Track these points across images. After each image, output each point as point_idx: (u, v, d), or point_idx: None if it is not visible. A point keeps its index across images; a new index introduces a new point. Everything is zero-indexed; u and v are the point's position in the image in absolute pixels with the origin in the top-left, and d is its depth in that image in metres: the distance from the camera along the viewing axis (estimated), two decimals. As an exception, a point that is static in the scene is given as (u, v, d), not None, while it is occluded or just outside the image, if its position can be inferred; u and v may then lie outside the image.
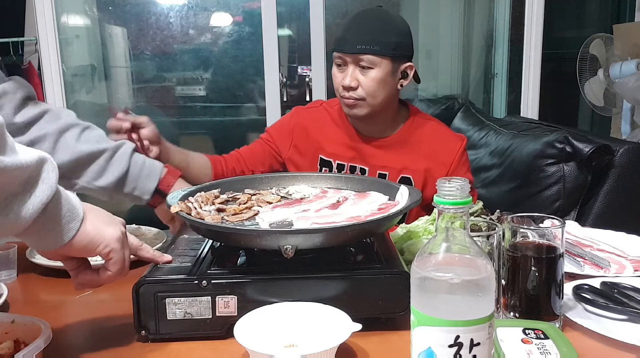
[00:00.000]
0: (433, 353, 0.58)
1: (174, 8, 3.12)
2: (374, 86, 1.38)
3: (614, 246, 1.19)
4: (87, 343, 0.89)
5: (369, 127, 1.48)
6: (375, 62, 1.37)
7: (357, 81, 1.38)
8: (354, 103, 1.40)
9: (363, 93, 1.38)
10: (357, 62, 1.38)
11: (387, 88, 1.40)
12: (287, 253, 0.82)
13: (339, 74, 1.42)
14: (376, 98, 1.40)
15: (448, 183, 0.58)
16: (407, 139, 1.47)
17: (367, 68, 1.37)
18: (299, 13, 2.94)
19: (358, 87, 1.38)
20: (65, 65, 2.89)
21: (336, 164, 1.49)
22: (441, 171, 1.44)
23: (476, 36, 3.44)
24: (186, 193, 1.03)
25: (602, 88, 2.97)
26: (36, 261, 1.17)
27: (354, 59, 1.38)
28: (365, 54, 1.36)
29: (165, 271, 0.87)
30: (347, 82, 1.38)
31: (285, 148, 1.54)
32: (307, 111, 1.58)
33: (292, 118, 1.58)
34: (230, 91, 3.27)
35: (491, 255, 0.84)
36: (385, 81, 1.39)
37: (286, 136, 1.55)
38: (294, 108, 1.62)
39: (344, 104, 1.43)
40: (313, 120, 1.55)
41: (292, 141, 1.54)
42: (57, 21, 2.80)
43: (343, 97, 1.41)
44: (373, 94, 1.39)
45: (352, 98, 1.39)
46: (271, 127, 1.60)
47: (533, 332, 0.78)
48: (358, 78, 1.38)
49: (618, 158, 1.61)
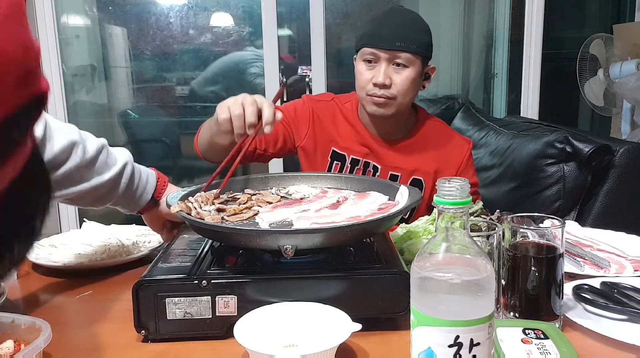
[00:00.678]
0: (433, 353, 0.58)
1: (174, 8, 3.12)
2: (407, 84, 1.36)
3: (614, 246, 1.19)
4: (87, 343, 0.88)
5: (383, 128, 1.46)
6: (411, 61, 1.35)
7: (390, 79, 1.35)
8: (385, 102, 1.37)
9: (395, 92, 1.36)
10: (393, 59, 1.35)
11: (415, 89, 1.39)
12: (287, 253, 0.82)
13: (367, 72, 1.37)
14: (406, 98, 1.38)
15: (448, 183, 0.58)
16: (417, 141, 1.46)
17: (402, 66, 1.35)
18: (299, 13, 2.94)
19: (391, 86, 1.35)
20: (65, 65, 2.89)
21: (350, 158, 1.46)
22: (449, 173, 1.43)
23: (476, 36, 3.44)
24: (186, 193, 1.03)
25: (602, 88, 2.97)
26: (36, 261, 1.17)
27: (391, 55, 1.34)
28: (403, 51, 1.34)
29: (165, 271, 0.87)
30: (381, 79, 1.34)
31: (302, 135, 1.50)
32: (319, 103, 1.53)
33: (305, 105, 1.52)
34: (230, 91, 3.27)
35: (491, 255, 0.84)
36: (415, 81, 1.37)
37: (304, 123, 1.50)
38: (304, 96, 1.57)
39: (370, 102, 1.39)
40: (327, 112, 1.51)
41: (309, 129, 1.49)
42: (57, 21, 2.80)
43: (373, 95, 1.37)
44: (405, 93, 1.37)
45: (384, 96, 1.36)
46: (285, 109, 1.51)
47: (533, 332, 0.78)
48: (391, 76, 1.35)
49: (618, 158, 1.61)
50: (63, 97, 2.85)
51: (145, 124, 3.41)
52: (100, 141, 1.06)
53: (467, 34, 3.43)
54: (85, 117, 3.24)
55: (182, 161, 3.39)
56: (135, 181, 1.10)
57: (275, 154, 1.49)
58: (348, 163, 1.47)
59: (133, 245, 1.24)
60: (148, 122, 3.41)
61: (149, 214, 1.17)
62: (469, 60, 3.45)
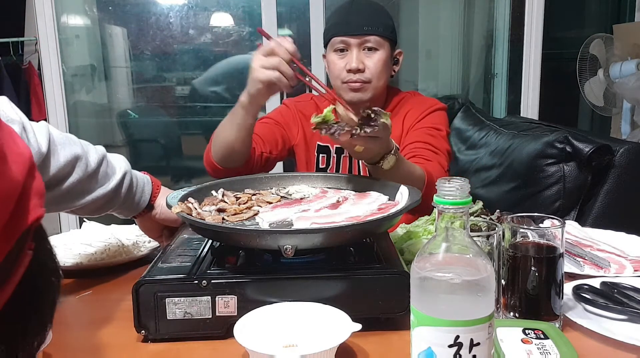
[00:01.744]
0: (433, 353, 0.58)
1: (174, 8, 3.12)
2: (380, 67, 1.40)
3: (614, 246, 1.19)
4: (87, 343, 0.88)
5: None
6: (380, 44, 1.40)
7: (363, 64, 1.39)
8: (361, 86, 1.41)
9: (370, 75, 1.40)
10: (363, 44, 1.39)
11: (388, 72, 1.44)
12: (287, 253, 0.82)
13: (340, 60, 1.42)
14: (380, 80, 1.42)
15: (448, 183, 0.58)
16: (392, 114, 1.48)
17: (373, 50, 1.39)
18: (299, 13, 2.94)
19: (365, 70, 1.39)
20: (65, 65, 2.89)
21: (335, 148, 1.50)
22: (411, 122, 1.46)
23: (476, 36, 3.44)
24: (186, 193, 1.03)
25: (602, 88, 2.97)
26: (36, 261, 1.17)
27: (361, 41, 1.39)
28: (372, 34, 1.38)
29: (165, 271, 0.87)
30: (355, 64, 1.38)
31: (295, 134, 1.55)
32: (300, 103, 1.59)
33: (290, 107, 1.58)
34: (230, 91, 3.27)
35: (491, 255, 0.84)
36: (387, 64, 1.42)
37: (294, 122, 1.55)
38: (284, 100, 1.63)
39: (347, 89, 1.42)
40: (309, 110, 1.54)
41: (299, 128, 1.55)
42: (57, 21, 2.80)
43: (349, 82, 1.41)
44: (379, 76, 1.41)
45: (359, 81, 1.40)
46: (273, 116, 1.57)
47: (533, 332, 0.78)
48: (363, 61, 1.39)
49: (618, 158, 1.61)
50: (63, 97, 2.84)
51: (145, 124, 3.42)
52: (100, 152, 1.04)
53: (467, 34, 3.43)
54: (85, 117, 3.24)
55: (182, 161, 3.39)
56: (134, 188, 1.10)
57: (279, 157, 1.53)
58: (333, 153, 1.51)
59: (133, 245, 1.24)
60: (148, 122, 3.41)
61: (142, 218, 1.16)
62: (469, 60, 3.45)
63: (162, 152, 3.46)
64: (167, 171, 3.45)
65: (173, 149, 3.41)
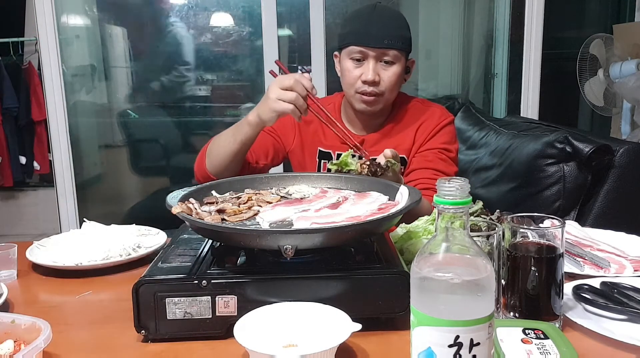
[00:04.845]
0: (433, 353, 0.58)
1: (174, 8, 3.12)
2: (394, 80, 1.40)
3: (614, 246, 1.19)
4: (87, 343, 0.89)
5: (367, 123, 1.49)
6: (398, 58, 1.39)
7: (379, 76, 1.39)
8: (374, 99, 1.41)
9: (384, 88, 1.40)
10: (381, 57, 1.39)
11: (400, 83, 1.44)
12: (287, 253, 0.82)
13: (356, 69, 1.41)
14: (392, 93, 1.43)
15: (448, 183, 0.58)
16: (397, 122, 1.49)
17: (390, 63, 1.39)
18: (299, 13, 2.94)
19: (380, 82, 1.39)
20: (65, 65, 2.89)
21: (336, 154, 1.50)
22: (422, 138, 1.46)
23: (476, 36, 3.44)
24: (186, 194, 1.03)
25: (602, 88, 2.97)
26: (36, 262, 1.17)
27: (379, 53, 1.38)
28: (391, 49, 1.38)
29: (165, 271, 0.87)
30: (371, 76, 1.38)
31: (290, 140, 1.55)
32: None
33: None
34: (230, 91, 3.27)
35: (491, 255, 0.84)
36: (401, 76, 1.43)
37: (290, 128, 1.55)
38: None
39: (359, 100, 1.42)
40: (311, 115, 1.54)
41: (295, 134, 1.54)
42: (57, 21, 2.80)
43: (362, 93, 1.41)
44: (392, 89, 1.41)
45: (373, 93, 1.40)
46: None
47: (533, 332, 0.78)
48: (379, 73, 1.39)
49: (618, 158, 1.61)
50: (63, 97, 2.84)
51: (145, 124, 3.41)
52: None
53: (467, 34, 3.43)
54: (85, 117, 3.24)
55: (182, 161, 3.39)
56: None
57: (269, 165, 1.53)
58: (335, 159, 1.50)
59: (133, 245, 1.24)
60: (148, 122, 3.41)
61: None
62: (469, 60, 3.45)
63: (162, 152, 3.46)
64: (167, 171, 3.45)
65: (173, 149, 3.41)
